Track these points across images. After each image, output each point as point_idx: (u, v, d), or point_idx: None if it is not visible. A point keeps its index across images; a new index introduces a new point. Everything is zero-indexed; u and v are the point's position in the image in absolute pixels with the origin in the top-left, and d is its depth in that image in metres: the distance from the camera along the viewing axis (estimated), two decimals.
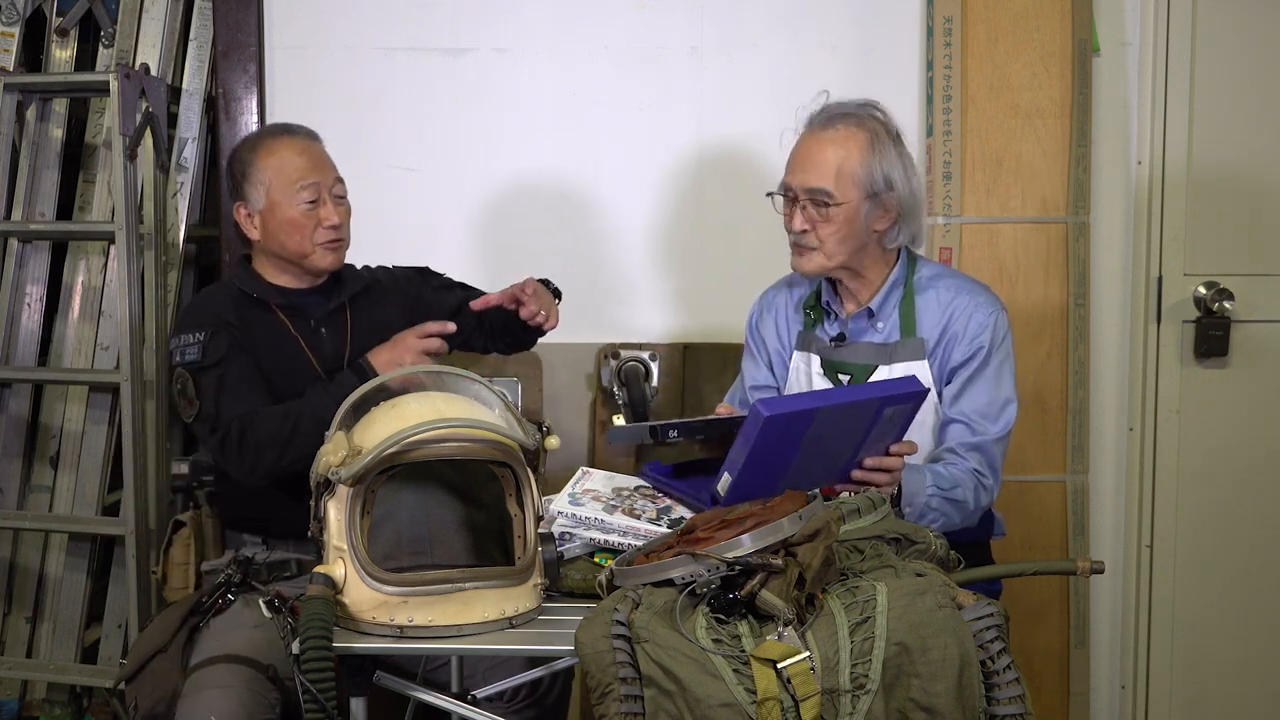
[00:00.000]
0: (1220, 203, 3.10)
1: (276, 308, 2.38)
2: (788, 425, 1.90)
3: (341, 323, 2.43)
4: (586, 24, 3.10)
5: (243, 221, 2.39)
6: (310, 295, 2.43)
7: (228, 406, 2.24)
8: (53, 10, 3.37)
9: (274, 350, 2.35)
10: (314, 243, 2.35)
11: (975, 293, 2.31)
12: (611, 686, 1.62)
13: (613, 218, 3.13)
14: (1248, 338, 3.12)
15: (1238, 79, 3.08)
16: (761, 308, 2.51)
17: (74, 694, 3.28)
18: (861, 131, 2.24)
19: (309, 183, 2.34)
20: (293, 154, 2.36)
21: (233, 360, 2.28)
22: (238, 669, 2.09)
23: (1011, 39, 3.00)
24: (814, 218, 2.24)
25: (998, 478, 2.26)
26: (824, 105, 2.30)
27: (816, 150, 2.24)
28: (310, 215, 2.35)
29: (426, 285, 2.60)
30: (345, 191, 2.42)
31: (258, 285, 2.40)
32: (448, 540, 2.05)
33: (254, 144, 2.39)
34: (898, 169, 2.25)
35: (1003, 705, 1.62)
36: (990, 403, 2.26)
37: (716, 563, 1.68)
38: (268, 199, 2.35)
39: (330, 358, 2.39)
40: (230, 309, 2.35)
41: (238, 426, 2.22)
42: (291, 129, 2.41)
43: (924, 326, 2.29)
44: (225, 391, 2.25)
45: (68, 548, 3.25)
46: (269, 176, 2.34)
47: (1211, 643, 3.16)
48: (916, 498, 2.13)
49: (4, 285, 3.21)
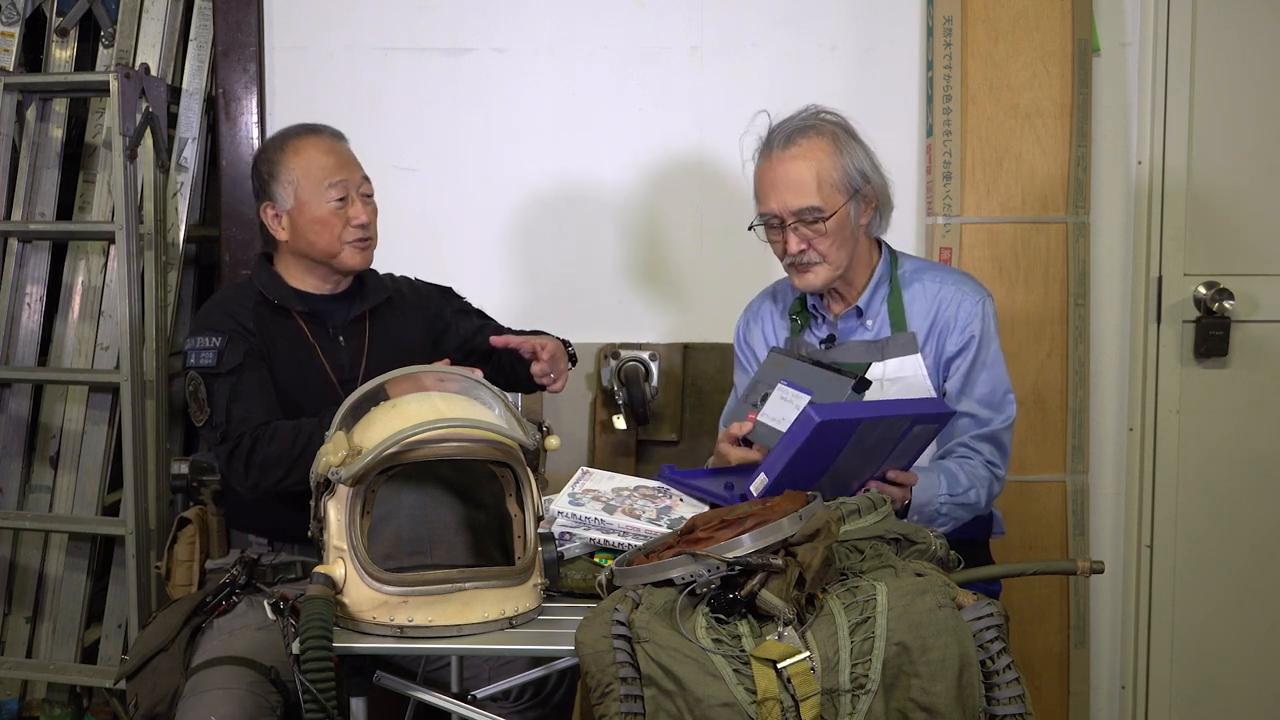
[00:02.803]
0: (1220, 203, 3.10)
1: (296, 314, 2.37)
2: (833, 432, 1.91)
3: (360, 333, 2.42)
4: (586, 24, 3.10)
5: (270, 222, 2.38)
6: (332, 302, 2.41)
7: (239, 416, 2.22)
8: (53, 10, 3.38)
9: (290, 358, 2.34)
10: (343, 241, 2.35)
11: (960, 282, 2.34)
12: (611, 686, 1.62)
13: (612, 218, 3.13)
14: (1248, 338, 3.12)
15: (1238, 79, 3.08)
16: (748, 319, 2.52)
17: (74, 694, 3.28)
18: (823, 139, 2.25)
19: (337, 180, 2.34)
20: (320, 152, 2.36)
21: (248, 369, 2.26)
22: (240, 671, 2.09)
23: (1011, 39, 3.00)
24: (808, 235, 2.24)
25: (1007, 463, 2.31)
26: (771, 128, 2.29)
27: (790, 171, 2.24)
28: (339, 214, 2.34)
29: (448, 306, 2.60)
30: (372, 190, 2.42)
31: (279, 289, 2.38)
32: (448, 540, 2.05)
33: (281, 143, 2.38)
34: (866, 160, 2.28)
35: (1003, 705, 1.62)
36: (993, 391, 2.30)
37: (716, 563, 1.68)
38: (296, 198, 2.34)
39: (347, 367, 2.37)
40: (249, 314, 2.33)
41: (249, 439, 2.20)
42: (318, 128, 2.41)
43: (913, 320, 2.31)
44: (237, 400, 2.23)
45: (68, 548, 3.25)
46: (297, 175, 2.34)
47: (1211, 643, 3.16)
48: (927, 506, 2.14)
49: (4, 285, 3.21)
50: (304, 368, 2.35)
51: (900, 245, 2.82)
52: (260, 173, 2.39)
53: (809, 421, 1.88)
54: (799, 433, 1.90)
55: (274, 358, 2.32)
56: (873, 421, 1.94)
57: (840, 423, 1.90)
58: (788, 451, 1.92)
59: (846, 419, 1.91)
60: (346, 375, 2.36)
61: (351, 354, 2.39)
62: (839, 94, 3.06)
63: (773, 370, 2.23)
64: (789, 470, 1.93)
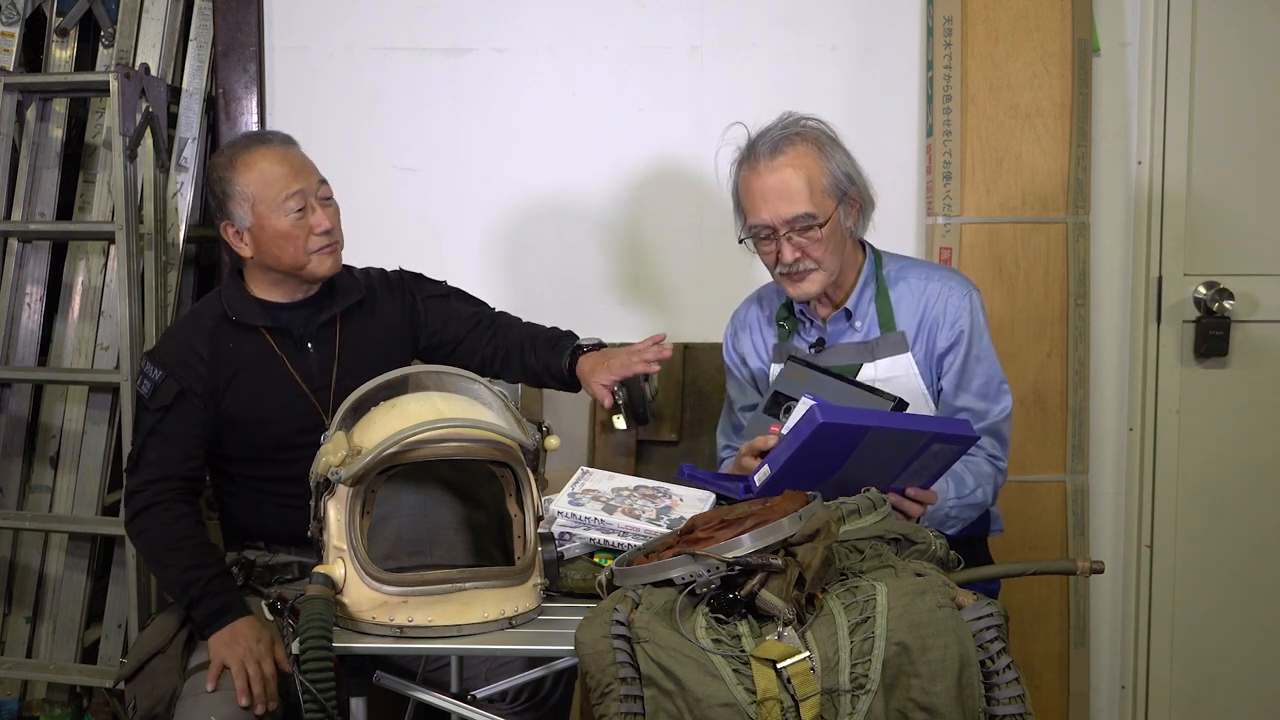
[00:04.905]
0: (1220, 202, 3.10)
1: (261, 329, 2.32)
2: (839, 435, 1.90)
3: (330, 338, 2.37)
4: (586, 24, 3.10)
5: (232, 240, 2.31)
6: (300, 309, 2.36)
7: (147, 460, 2.23)
8: (53, 10, 3.37)
9: (257, 373, 2.30)
10: (308, 251, 2.28)
11: (945, 277, 2.34)
12: (611, 686, 1.62)
13: (612, 217, 3.13)
14: (1248, 338, 3.12)
15: (1238, 79, 3.08)
16: (735, 328, 2.52)
17: (74, 694, 3.28)
18: (807, 144, 2.25)
19: (294, 191, 2.27)
20: (271, 164, 2.28)
21: (173, 413, 2.24)
22: None
23: (1011, 39, 3.00)
24: (802, 243, 2.24)
25: (1008, 453, 2.32)
26: (752, 138, 2.28)
27: (780, 181, 2.23)
28: (300, 224, 2.27)
29: (419, 294, 2.51)
30: (331, 192, 2.34)
31: (244, 306, 2.33)
32: (448, 540, 2.05)
33: (230, 160, 2.30)
34: (849, 162, 2.28)
35: (1002, 705, 1.62)
36: (988, 383, 2.31)
37: (716, 563, 1.68)
38: (254, 215, 2.27)
39: (317, 375, 2.33)
40: (205, 341, 2.29)
41: (144, 500, 2.20)
42: (265, 137, 2.34)
43: (901, 319, 2.31)
44: (152, 438, 2.24)
45: (68, 548, 3.25)
46: (252, 191, 2.26)
47: (1211, 643, 3.16)
48: (937, 511, 2.15)
49: (4, 285, 3.21)
50: (272, 381, 2.31)
51: (900, 245, 2.83)
52: (214, 191, 2.31)
53: (812, 420, 1.87)
54: (803, 429, 1.89)
55: (235, 379, 2.29)
56: (883, 431, 1.93)
57: (846, 427, 1.89)
58: (790, 447, 1.92)
59: (852, 424, 1.90)
60: (318, 384, 2.33)
61: (321, 361, 2.35)
62: (839, 94, 3.08)
63: (796, 382, 2.19)
64: (792, 467, 1.93)
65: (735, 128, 2.31)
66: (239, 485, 2.35)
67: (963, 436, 2.02)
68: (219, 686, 2.06)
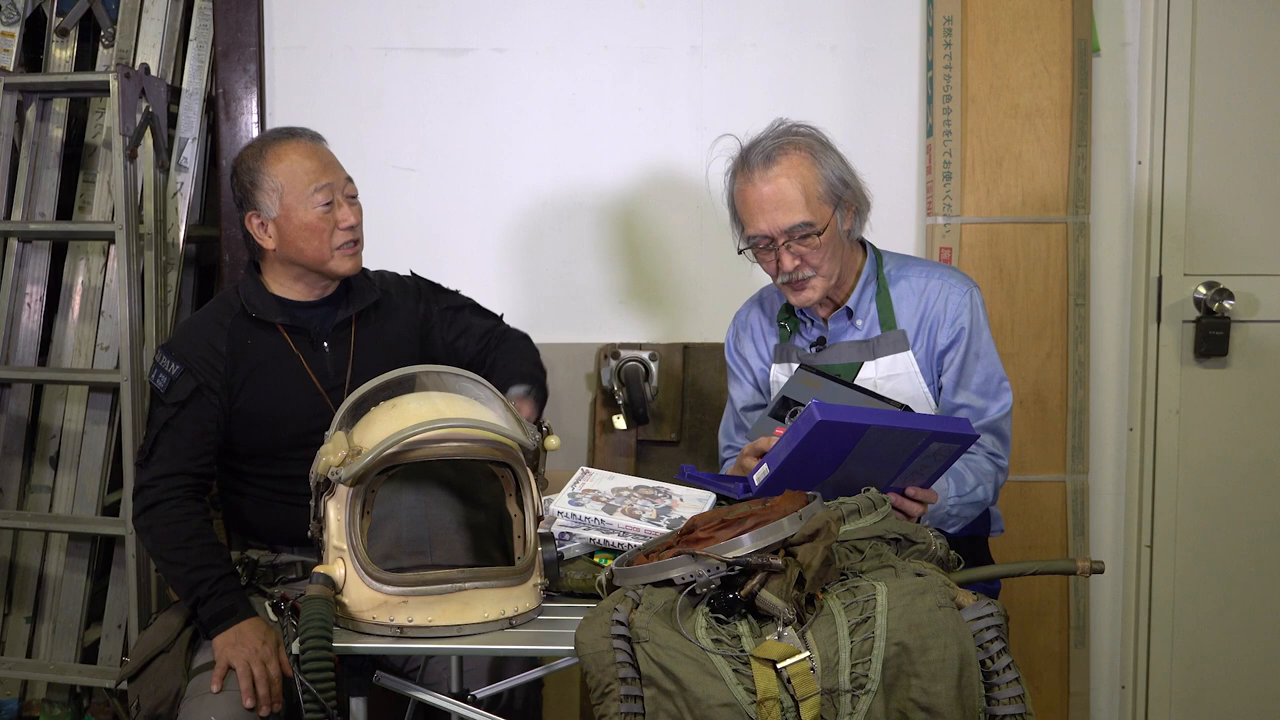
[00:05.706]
0: (1220, 202, 3.10)
1: (279, 327, 2.34)
2: (838, 434, 1.90)
3: (346, 339, 2.39)
4: (586, 24, 3.10)
5: (256, 231, 2.33)
6: (317, 308, 2.38)
7: (159, 455, 2.23)
8: (53, 10, 3.38)
9: (272, 371, 2.31)
10: (332, 247, 2.30)
11: (945, 275, 2.34)
12: (611, 686, 1.62)
13: (612, 217, 3.13)
14: (1248, 338, 3.12)
15: (1238, 79, 3.08)
16: (737, 328, 2.52)
17: (74, 694, 3.28)
18: (801, 152, 2.24)
19: (323, 184, 2.30)
20: (302, 157, 2.31)
21: (189, 408, 2.24)
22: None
23: (1011, 39, 3.00)
24: (801, 251, 2.24)
25: (1009, 451, 2.32)
26: (745, 148, 2.28)
27: (776, 190, 2.22)
28: (326, 218, 2.30)
29: (436, 304, 2.54)
30: (356, 191, 2.38)
31: (261, 303, 2.34)
32: (448, 540, 2.05)
33: (260, 150, 2.33)
34: (842, 166, 2.28)
35: (1002, 705, 1.62)
36: (988, 380, 2.31)
37: (716, 563, 1.68)
38: (282, 205, 2.29)
39: (333, 374, 2.35)
40: (223, 337, 2.30)
41: (154, 495, 2.20)
42: (295, 132, 2.37)
43: (902, 317, 2.32)
44: (165, 432, 2.24)
45: (68, 548, 3.25)
46: (281, 181, 2.29)
47: (1211, 643, 3.16)
48: (938, 510, 2.15)
49: (4, 285, 3.21)
50: (288, 379, 2.32)
51: (900, 245, 2.84)
52: (241, 182, 2.33)
53: (810, 418, 1.87)
54: (801, 427, 1.89)
55: (251, 375, 2.30)
56: (882, 430, 1.93)
57: (844, 425, 1.90)
58: (789, 445, 1.92)
59: (851, 422, 1.90)
60: (332, 383, 2.34)
61: (337, 360, 2.36)
62: (839, 94, 3.08)
63: (805, 388, 2.20)
64: (791, 466, 1.93)
65: (726, 139, 2.31)
66: (247, 483, 2.35)
67: (962, 435, 2.02)
68: (224, 687, 2.06)
